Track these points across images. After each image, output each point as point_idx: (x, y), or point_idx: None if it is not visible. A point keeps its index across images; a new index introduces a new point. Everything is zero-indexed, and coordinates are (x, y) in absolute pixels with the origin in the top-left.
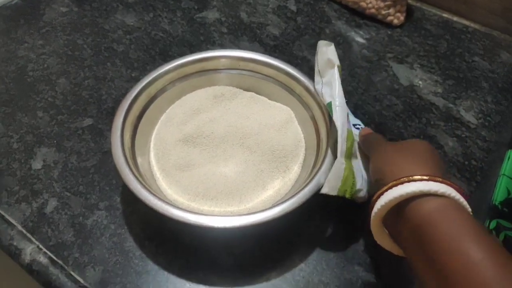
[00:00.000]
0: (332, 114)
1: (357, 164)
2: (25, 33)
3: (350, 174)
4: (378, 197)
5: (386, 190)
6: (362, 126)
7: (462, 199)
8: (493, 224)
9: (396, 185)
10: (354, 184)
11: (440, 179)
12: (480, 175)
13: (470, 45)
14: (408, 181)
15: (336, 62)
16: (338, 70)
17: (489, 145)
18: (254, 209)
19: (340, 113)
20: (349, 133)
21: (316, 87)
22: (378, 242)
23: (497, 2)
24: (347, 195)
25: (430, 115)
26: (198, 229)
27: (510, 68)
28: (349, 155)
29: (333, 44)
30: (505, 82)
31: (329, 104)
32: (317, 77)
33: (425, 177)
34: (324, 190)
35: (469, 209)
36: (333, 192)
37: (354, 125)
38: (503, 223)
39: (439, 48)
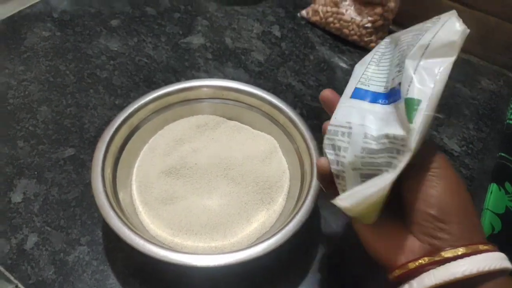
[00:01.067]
0: (410, 116)
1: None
2: (5, 59)
3: (383, 198)
4: (437, 264)
5: (454, 259)
6: None
7: None
8: None
9: (465, 255)
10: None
11: (500, 251)
12: None
13: (451, 72)
14: (480, 252)
15: (455, 55)
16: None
17: (472, 173)
18: (239, 244)
19: (423, 122)
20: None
21: (406, 61)
22: None
23: (473, 29)
24: (364, 221)
25: None
26: (182, 267)
27: (489, 95)
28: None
29: (468, 31)
30: (485, 108)
31: (412, 102)
32: (416, 50)
33: (490, 247)
34: (342, 204)
35: None
36: (350, 212)
37: None
38: None
39: None
